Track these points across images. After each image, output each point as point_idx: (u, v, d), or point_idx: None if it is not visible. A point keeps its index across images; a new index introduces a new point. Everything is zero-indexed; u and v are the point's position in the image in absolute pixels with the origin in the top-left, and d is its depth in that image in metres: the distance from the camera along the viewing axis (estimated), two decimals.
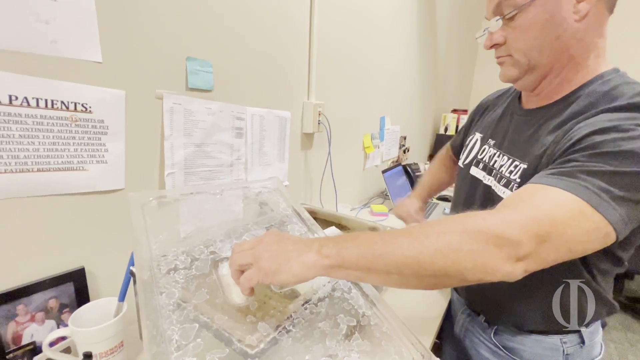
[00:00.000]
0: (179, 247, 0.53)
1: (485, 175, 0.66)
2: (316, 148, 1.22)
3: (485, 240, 0.37)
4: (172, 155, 0.72)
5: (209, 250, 0.54)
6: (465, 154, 0.74)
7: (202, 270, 0.50)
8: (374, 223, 0.83)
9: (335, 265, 0.38)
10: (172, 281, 0.46)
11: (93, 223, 0.62)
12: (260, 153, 0.97)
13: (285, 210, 0.66)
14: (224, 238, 0.58)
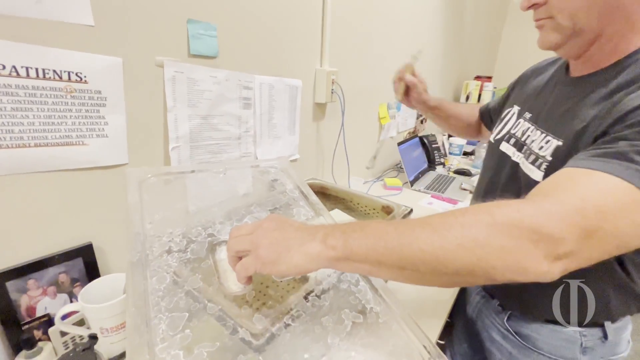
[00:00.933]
0: (175, 228, 0.51)
1: (515, 152, 0.60)
2: (329, 119, 1.16)
3: (518, 235, 0.32)
4: (176, 128, 0.69)
5: (206, 232, 0.52)
6: (498, 128, 0.67)
7: (198, 254, 0.47)
8: (387, 201, 0.78)
9: (342, 257, 0.34)
10: (164, 264, 0.44)
11: (98, 199, 0.60)
12: (269, 125, 0.92)
13: (292, 193, 0.63)
14: (224, 220, 0.55)
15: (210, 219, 0.55)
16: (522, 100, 0.65)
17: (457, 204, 1.32)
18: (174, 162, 0.70)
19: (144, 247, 0.45)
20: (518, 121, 0.62)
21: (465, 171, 1.71)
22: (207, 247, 0.50)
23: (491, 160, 0.67)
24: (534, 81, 0.66)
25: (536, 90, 0.63)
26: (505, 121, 0.66)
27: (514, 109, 0.66)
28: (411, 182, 1.49)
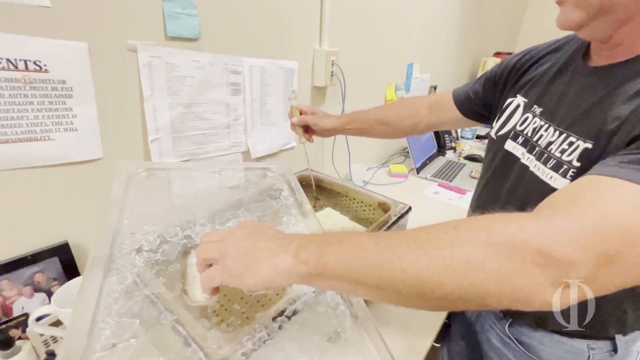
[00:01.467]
0: (152, 226, 0.47)
1: (524, 153, 0.53)
2: (329, 103, 1.09)
3: (520, 257, 0.27)
4: (155, 119, 0.64)
5: (184, 233, 0.48)
6: (500, 121, 0.59)
7: (168, 256, 0.44)
8: (384, 197, 0.73)
9: (314, 273, 0.30)
10: (130, 264, 0.41)
11: (73, 196, 0.57)
12: (262, 112, 0.86)
13: (286, 200, 0.57)
14: (206, 222, 0.52)
15: (192, 220, 0.52)
16: (526, 90, 0.56)
17: (464, 194, 1.25)
18: (155, 155, 0.65)
19: (114, 243, 0.42)
20: (525, 116, 0.54)
21: (477, 157, 1.62)
22: (180, 249, 0.47)
23: (493, 159, 0.60)
24: (539, 68, 0.56)
25: (542, 80, 0.53)
26: (507, 114, 0.58)
27: (518, 99, 0.57)
28: (417, 169, 1.42)
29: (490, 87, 0.65)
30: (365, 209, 0.77)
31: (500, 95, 0.63)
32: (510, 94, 0.59)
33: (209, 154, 0.77)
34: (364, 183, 1.28)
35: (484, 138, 1.97)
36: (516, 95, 0.58)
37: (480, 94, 0.67)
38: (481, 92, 0.67)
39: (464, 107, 0.69)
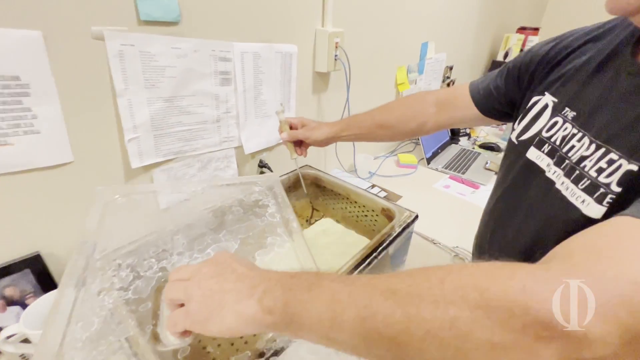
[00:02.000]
0: (126, 259, 0.43)
1: (550, 165, 0.44)
2: (333, 90, 0.99)
3: (519, 327, 0.21)
4: (131, 116, 0.57)
5: (159, 265, 0.43)
6: (523, 124, 0.49)
7: (141, 294, 0.40)
8: (389, 203, 0.66)
9: (280, 323, 0.26)
10: (97, 306, 0.37)
11: (42, 204, 0.52)
12: (256, 102, 0.78)
13: (272, 217, 0.51)
14: (184, 250, 0.47)
15: (169, 249, 0.47)
16: (556, 88, 0.46)
17: (478, 188, 1.16)
18: (133, 157, 0.59)
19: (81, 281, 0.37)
20: (554, 120, 0.45)
21: (493, 146, 1.52)
22: (153, 284, 0.42)
23: (512, 167, 0.51)
24: (568, 63, 0.46)
25: (578, 76, 0.44)
26: (532, 115, 0.48)
27: (547, 98, 0.47)
28: (428, 160, 1.33)
29: (513, 81, 0.55)
30: (368, 214, 0.70)
31: (525, 91, 0.52)
32: (537, 90, 0.49)
33: (197, 151, 0.70)
34: (369, 174, 1.20)
35: (502, 123, 1.84)
36: (544, 93, 0.48)
37: (502, 89, 0.57)
38: (503, 87, 0.57)
39: (484, 104, 0.59)
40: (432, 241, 0.87)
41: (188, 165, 0.70)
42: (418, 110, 0.66)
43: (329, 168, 1.17)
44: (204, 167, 0.73)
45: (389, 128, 0.67)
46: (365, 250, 0.52)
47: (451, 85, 1.81)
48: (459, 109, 0.63)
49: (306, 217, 0.78)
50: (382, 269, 0.62)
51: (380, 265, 0.55)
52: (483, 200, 1.09)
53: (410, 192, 1.10)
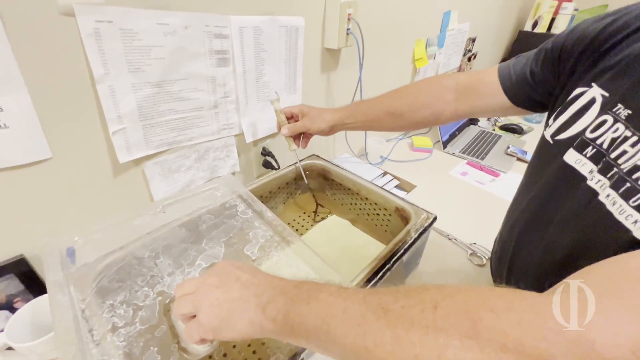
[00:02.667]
0: (115, 297, 0.40)
1: (594, 172, 0.36)
2: (344, 68, 0.90)
3: None
4: (114, 105, 0.50)
5: (154, 291, 0.41)
6: (561, 120, 0.41)
7: (150, 322, 0.38)
8: (404, 202, 0.59)
9: (282, 332, 0.28)
10: (112, 347, 0.35)
11: (22, 205, 0.47)
12: (258, 85, 0.70)
13: (244, 214, 0.50)
14: (173, 269, 0.43)
15: (157, 272, 0.43)
16: (607, 80, 0.38)
17: (498, 176, 1.08)
18: (120, 150, 0.53)
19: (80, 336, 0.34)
20: (603, 117, 0.37)
21: (515, 127, 1.41)
22: (158, 309, 0.39)
23: (544, 169, 0.43)
24: (625, 48, 0.37)
25: (636, 67, 0.35)
26: (574, 111, 0.40)
27: (594, 91, 0.38)
28: (444, 143, 1.24)
29: (551, 66, 0.46)
30: (380, 212, 0.64)
31: (566, 80, 0.43)
32: (582, 80, 0.40)
33: (193, 140, 0.64)
34: (381, 159, 1.13)
35: None
36: (591, 84, 0.39)
37: (539, 76, 0.48)
38: (540, 73, 0.47)
39: (516, 92, 0.50)
40: (448, 237, 0.81)
41: (184, 156, 0.64)
42: (434, 96, 0.58)
43: (338, 153, 1.09)
44: (202, 158, 0.67)
45: (399, 116, 0.59)
46: (377, 262, 0.46)
47: (473, 59, 1.67)
48: (484, 96, 0.54)
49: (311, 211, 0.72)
50: (395, 277, 0.57)
51: (393, 276, 0.50)
52: (503, 190, 1.02)
53: (425, 181, 1.03)
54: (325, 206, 0.71)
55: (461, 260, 0.74)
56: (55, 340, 0.35)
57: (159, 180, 0.62)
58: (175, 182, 0.65)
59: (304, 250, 0.44)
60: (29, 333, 0.46)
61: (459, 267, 0.72)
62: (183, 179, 0.66)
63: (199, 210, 0.52)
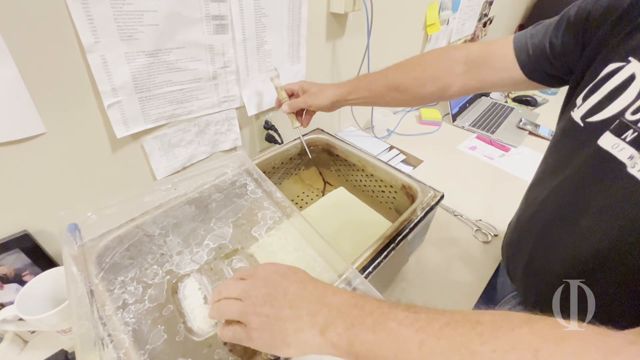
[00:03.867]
0: (127, 274, 0.40)
1: (634, 157, 0.34)
2: (350, 35, 0.84)
3: None
4: (107, 76, 0.47)
5: (164, 270, 0.41)
6: (593, 100, 0.38)
7: (158, 300, 0.38)
8: (411, 179, 0.57)
9: (346, 357, 0.27)
10: (121, 323, 0.35)
11: (20, 181, 0.47)
12: (259, 54, 0.66)
13: (254, 194, 0.49)
14: (182, 248, 0.43)
15: (166, 251, 0.43)
16: None
17: (508, 151, 1.05)
18: (117, 124, 0.51)
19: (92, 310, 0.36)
20: None
21: (529, 99, 1.34)
22: (166, 288, 0.39)
23: (574, 154, 0.40)
24: None
25: None
26: (610, 89, 0.36)
27: (633, 66, 0.34)
28: (453, 116, 1.19)
29: (573, 37, 0.41)
30: (385, 190, 0.62)
31: (594, 53, 0.39)
32: (615, 54, 0.36)
33: (192, 114, 0.61)
34: (387, 133, 1.09)
35: None
36: (627, 58, 0.35)
37: (557, 48, 0.43)
38: (559, 45, 0.43)
39: (534, 66, 0.46)
40: (454, 213, 0.80)
41: (183, 130, 0.62)
42: (442, 69, 0.54)
43: (343, 126, 1.06)
44: (202, 132, 0.65)
45: (403, 91, 0.56)
46: (382, 241, 0.45)
47: (488, 25, 1.57)
48: (497, 70, 0.50)
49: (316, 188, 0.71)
50: (400, 256, 0.57)
51: (398, 254, 0.49)
52: (512, 166, 0.99)
53: (432, 155, 1.00)
54: (330, 183, 0.70)
55: (467, 236, 0.74)
56: (70, 314, 0.36)
57: (159, 155, 0.60)
58: (176, 157, 0.63)
59: (312, 235, 0.43)
60: (39, 305, 0.46)
61: (464, 244, 0.71)
62: (184, 153, 0.64)
63: (209, 188, 0.51)
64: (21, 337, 0.53)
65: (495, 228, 0.76)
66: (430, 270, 0.65)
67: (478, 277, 0.64)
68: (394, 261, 0.54)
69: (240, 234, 0.46)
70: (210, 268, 0.42)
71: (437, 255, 0.68)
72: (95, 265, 0.40)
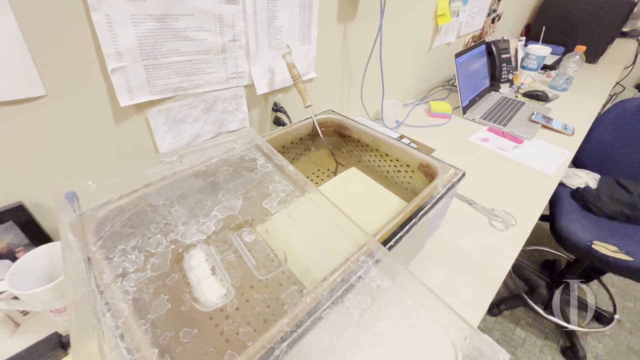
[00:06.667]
0: (128, 242, 0.37)
1: None
2: (362, 19, 0.82)
3: None
4: (112, 38, 0.45)
5: (168, 239, 0.38)
6: None
7: (161, 269, 0.35)
8: (429, 158, 0.54)
9: None
10: (121, 292, 0.32)
11: (15, 147, 0.44)
12: (269, 30, 0.63)
13: (264, 168, 0.46)
14: (187, 219, 0.40)
15: (171, 221, 0.39)
16: None
17: (521, 143, 1.02)
18: (121, 92, 0.48)
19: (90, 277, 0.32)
20: None
21: (540, 94, 1.32)
22: (170, 257, 0.36)
23: None
24: None
25: None
26: None
27: None
28: (464, 109, 1.16)
29: None
30: (401, 170, 0.59)
31: None
32: None
33: (199, 88, 0.59)
34: (397, 124, 1.07)
35: (550, 68, 1.60)
36: None
37: None
38: None
39: None
40: (469, 201, 0.76)
41: (190, 105, 0.59)
42: None
43: (352, 115, 1.03)
44: (209, 109, 0.62)
45: None
46: (403, 215, 0.42)
47: (497, 21, 1.55)
48: None
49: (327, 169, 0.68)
50: (418, 237, 0.53)
51: (416, 234, 0.46)
52: (527, 157, 0.96)
53: (444, 146, 0.97)
54: (343, 164, 0.67)
55: (482, 225, 0.70)
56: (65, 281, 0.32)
57: (164, 131, 0.57)
58: (182, 134, 0.60)
59: (327, 206, 0.40)
60: (32, 282, 0.43)
61: (480, 232, 0.68)
62: (190, 130, 0.61)
63: (216, 162, 0.49)
64: (12, 318, 0.50)
65: (514, 217, 0.73)
66: (446, 257, 0.61)
67: (497, 267, 0.60)
68: (412, 241, 0.51)
69: (250, 206, 0.43)
70: (218, 238, 0.39)
71: (453, 242, 0.65)
72: (93, 233, 0.37)
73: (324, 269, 0.35)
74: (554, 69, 1.60)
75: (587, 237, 1.01)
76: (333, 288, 0.32)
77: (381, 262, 0.35)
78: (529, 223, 0.71)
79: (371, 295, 0.33)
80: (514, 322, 1.38)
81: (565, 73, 1.38)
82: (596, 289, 1.50)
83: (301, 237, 0.41)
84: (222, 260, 0.36)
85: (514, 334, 1.33)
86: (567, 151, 0.97)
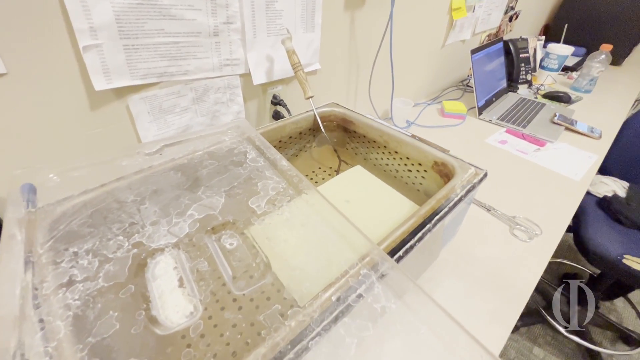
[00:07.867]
0: (83, 244, 0.30)
1: None
2: (371, 7, 0.76)
3: None
4: (84, 11, 0.39)
5: (130, 242, 0.31)
6: None
7: (116, 279, 0.29)
8: (444, 154, 0.47)
9: None
10: (60, 306, 0.26)
11: None
12: (268, 13, 0.58)
13: (254, 162, 0.40)
14: (158, 218, 0.34)
15: (138, 220, 0.33)
16: None
17: (544, 146, 0.93)
18: (95, 73, 0.43)
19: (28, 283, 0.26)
20: None
21: (561, 95, 1.23)
22: (129, 264, 0.30)
23: None
24: None
25: None
26: None
27: None
28: (480, 109, 1.09)
29: None
30: (412, 169, 0.52)
31: None
32: None
33: (188, 74, 0.53)
34: (407, 124, 1.00)
35: (572, 70, 1.51)
36: None
37: None
38: None
39: None
40: (487, 207, 0.69)
41: (178, 94, 0.53)
42: None
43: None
44: (200, 99, 0.57)
45: None
46: (415, 220, 0.35)
47: (514, 20, 1.48)
48: None
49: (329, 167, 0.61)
50: (432, 245, 0.46)
51: (430, 242, 0.39)
52: (551, 161, 0.87)
53: (458, 148, 0.90)
54: (347, 162, 0.60)
55: (503, 234, 0.62)
56: None
57: (148, 121, 0.52)
58: (168, 125, 0.55)
59: (325, 208, 0.34)
60: None
61: (500, 242, 0.60)
62: (178, 122, 0.56)
63: (200, 155, 0.42)
64: None
65: (538, 226, 0.65)
66: (462, 269, 0.54)
67: (521, 282, 0.53)
68: (425, 250, 0.43)
69: (233, 204, 0.36)
70: (191, 243, 0.32)
71: (471, 252, 0.57)
72: (45, 233, 0.31)
73: (317, 284, 0.28)
74: (575, 71, 1.51)
75: (617, 251, 0.91)
76: (326, 309, 0.25)
77: (387, 276, 0.28)
78: (555, 233, 0.63)
79: (374, 320, 0.26)
80: (531, 340, 1.27)
81: (589, 74, 1.29)
82: (622, 306, 1.38)
83: (291, 243, 0.34)
84: (192, 269, 0.30)
85: (531, 353, 1.23)
86: (595, 155, 0.89)
